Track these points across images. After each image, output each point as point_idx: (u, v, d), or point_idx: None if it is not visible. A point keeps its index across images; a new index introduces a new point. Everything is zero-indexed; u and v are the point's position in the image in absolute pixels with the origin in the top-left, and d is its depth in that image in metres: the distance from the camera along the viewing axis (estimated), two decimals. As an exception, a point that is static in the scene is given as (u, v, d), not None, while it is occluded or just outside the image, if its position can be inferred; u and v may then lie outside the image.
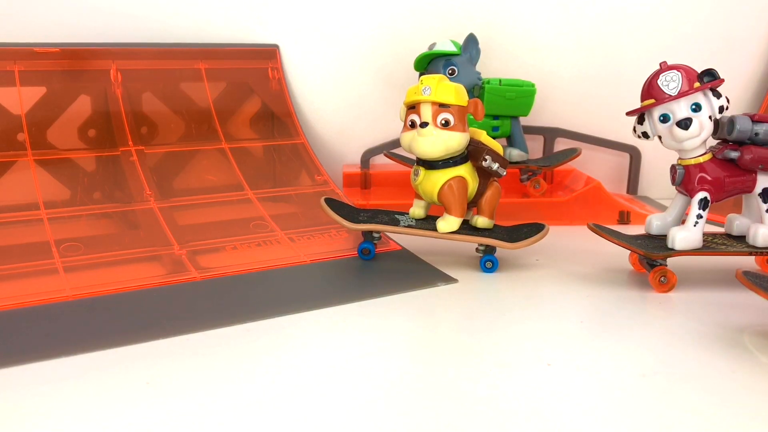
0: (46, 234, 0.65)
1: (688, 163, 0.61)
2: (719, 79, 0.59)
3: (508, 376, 0.45)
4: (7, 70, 0.75)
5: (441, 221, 0.64)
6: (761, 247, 0.61)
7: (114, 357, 0.47)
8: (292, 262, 0.65)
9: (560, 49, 0.95)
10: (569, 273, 0.66)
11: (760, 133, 0.59)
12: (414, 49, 0.85)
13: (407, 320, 0.55)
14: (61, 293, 0.56)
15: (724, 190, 0.61)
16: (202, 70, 0.85)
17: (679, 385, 0.44)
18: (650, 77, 0.61)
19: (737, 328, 0.53)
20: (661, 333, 0.53)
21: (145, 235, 0.69)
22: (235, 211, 0.76)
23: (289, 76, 0.92)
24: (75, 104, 0.78)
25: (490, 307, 0.57)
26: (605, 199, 0.85)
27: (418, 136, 0.62)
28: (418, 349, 0.50)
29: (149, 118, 0.82)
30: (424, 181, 0.64)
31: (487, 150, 0.63)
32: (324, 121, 0.94)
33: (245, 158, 0.83)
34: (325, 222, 0.73)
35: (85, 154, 0.77)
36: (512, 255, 0.69)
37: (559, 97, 0.95)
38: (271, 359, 0.47)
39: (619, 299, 0.59)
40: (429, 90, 0.61)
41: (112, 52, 0.81)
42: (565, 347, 0.50)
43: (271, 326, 0.52)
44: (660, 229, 0.64)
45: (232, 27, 0.90)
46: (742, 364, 0.47)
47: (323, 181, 0.84)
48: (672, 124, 0.59)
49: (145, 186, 0.75)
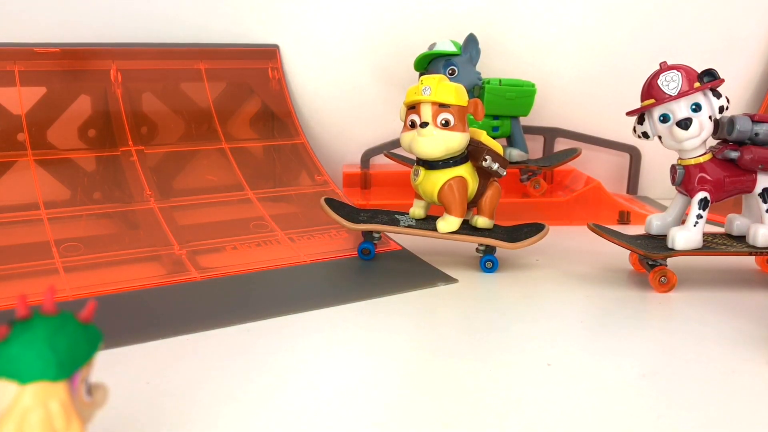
0: (46, 234, 0.65)
1: (688, 163, 0.61)
2: (719, 79, 0.59)
3: (508, 376, 0.45)
4: (7, 70, 0.75)
5: (441, 221, 0.64)
6: (761, 247, 0.61)
7: (114, 357, 0.47)
8: (292, 262, 0.65)
9: (560, 49, 0.95)
10: (569, 273, 0.66)
11: (760, 134, 0.59)
12: (414, 49, 0.85)
13: (407, 320, 0.55)
14: (61, 293, 0.56)
15: (724, 190, 0.61)
16: (202, 70, 0.85)
17: (679, 385, 0.44)
18: (650, 77, 0.61)
19: (737, 328, 0.53)
20: (661, 333, 0.53)
21: (145, 235, 0.69)
22: (235, 211, 0.76)
23: (289, 76, 0.92)
24: (75, 104, 0.78)
25: (490, 307, 0.57)
26: (605, 199, 0.85)
27: (418, 136, 0.62)
28: (418, 349, 0.50)
29: (149, 118, 0.82)
30: (424, 181, 0.64)
31: (487, 150, 0.63)
32: (324, 121, 0.94)
33: (245, 158, 0.83)
34: (325, 222, 0.73)
35: (85, 154, 0.77)
36: (512, 255, 0.69)
37: (559, 97, 0.95)
38: (271, 359, 0.47)
39: (619, 299, 0.59)
40: (429, 90, 0.61)
41: (112, 52, 0.81)
42: (565, 347, 0.50)
43: (271, 326, 0.52)
44: (660, 229, 0.64)
45: (232, 27, 0.90)
46: (742, 364, 0.47)
47: (323, 181, 0.84)
48: (672, 124, 0.59)
49: (145, 186, 0.75)
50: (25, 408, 0.25)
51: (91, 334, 0.28)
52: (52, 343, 0.26)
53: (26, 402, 0.25)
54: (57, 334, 0.26)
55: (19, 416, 0.25)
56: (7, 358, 0.26)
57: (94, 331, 0.28)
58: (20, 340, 0.26)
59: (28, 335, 0.26)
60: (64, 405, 0.26)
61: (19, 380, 0.26)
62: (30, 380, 0.26)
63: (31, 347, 0.26)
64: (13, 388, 0.26)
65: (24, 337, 0.26)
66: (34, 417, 0.25)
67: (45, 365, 0.26)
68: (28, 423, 0.25)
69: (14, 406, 0.25)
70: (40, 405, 0.25)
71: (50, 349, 0.26)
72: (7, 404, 0.26)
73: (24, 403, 0.25)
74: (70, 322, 0.27)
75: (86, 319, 0.28)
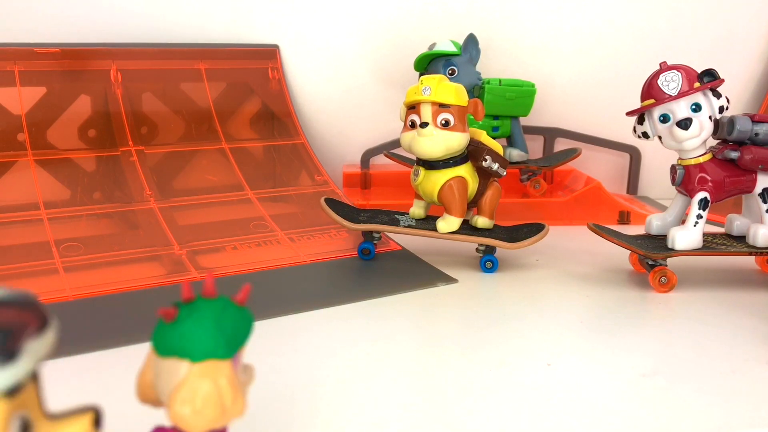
0: (46, 234, 0.65)
1: (688, 163, 0.61)
2: (719, 79, 0.59)
3: (508, 376, 0.45)
4: (7, 70, 0.75)
5: (441, 221, 0.64)
6: (761, 247, 0.61)
7: (114, 357, 0.47)
8: (292, 262, 0.65)
9: (560, 50, 0.95)
10: (569, 273, 0.66)
11: (760, 134, 0.59)
12: (414, 49, 0.85)
13: (407, 320, 0.55)
14: (61, 293, 0.56)
15: (724, 191, 0.61)
16: (202, 70, 0.85)
17: (679, 385, 0.44)
18: (650, 77, 0.61)
19: (737, 328, 0.53)
20: (661, 333, 0.53)
21: (145, 235, 0.69)
22: (235, 211, 0.76)
23: (289, 76, 0.92)
24: (75, 104, 0.78)
25: (490, 307, 0.57)
26: (605, 200, 0.85)
27: (418, 136, 0.62)
28: (418, 349, 0.50)
29: (149, 118, 0.82)
30: (424, 181, 0.64)
31: (487, 150, 0.63)
32: (324, 121, 0.94)
33: (245, 158, 0.83)
34: (325, 222, 0.73)
35: (85, 154, 0.77)
36: (512, 255, 0.69)
37: (559, 97, 0.95)
38: (271, 359, 0.47)
39: (619, 299, 0.59)
40: (429, 90, 0.61)
41: (112, 52, 0.81)
42: (565, 347, 0.50)
43: (271, 326, 0.52)
44: (660, 229, 0.64)
45: (232, 27, 0.90)
46: (742, 364, 0.47)
47: (323, 181, 0.84)
48: (672, 124, 0.59)
49: (145, 186, 0.75)
50: (197, 384, 0.27)
51: (247, 316, 0.29)
52: (219, 323, 0.28)
53: (198, 378, 0.27)
54: (222, 316, 0.28)
55: (191, 391, 0.27)
56: (179, 338, 0.27)
57: (249, 314, 0.29)
58: (191, 321, 0.27)
59: (197, 316, 0.28)
60: (231, 381, 0.27)
61: (191, 358, 0.27)
62: (201, 358, 0.27)
63: (201, 328, 0.27)
64: (185, 365, 0.27)
65: (194, 319, 0.27)
66: (205, 392, 0.27)
67: (215, 345, 0.27)
68: (200, 397, 0.27)
69: (186, 381, 0.27)
70: (211, 381, 0.27)
71: (218, 329, 0.27)
72: (179, 380, 0.27)
73: (196, 380, 0.27)
74: (230, 304, 0.29)
75: (242, 301, 0.29)
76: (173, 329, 0.27)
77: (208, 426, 0.27)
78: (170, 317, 0.28)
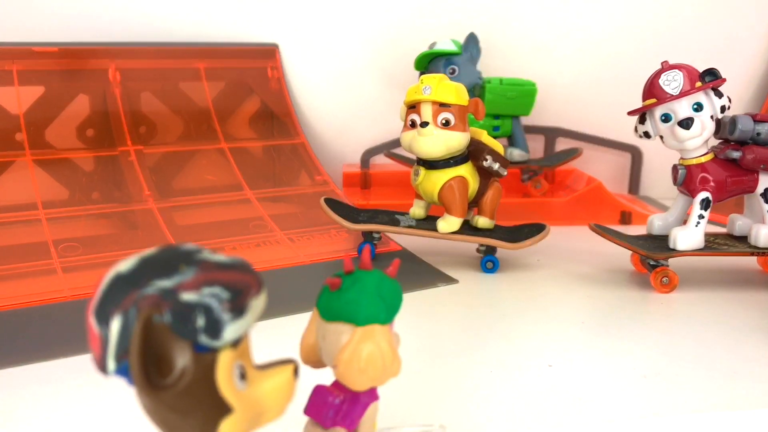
0: (45, 234, 0.65)
1: (689, 163, 0.61)
2: (721, 78, 0.59)
3: (508, 377, 0.45)
4: (5, 69, 0.75)
5: (441, 221, 0.64)
6: (763, 248, 0.60)
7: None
8: (292, 262, 0.65)
9: (561, 49, 0.95)
10: (570, 273, 0.66)
11: (762, 133, 0.59)
12: (414, 48, 0.85)
13: (407, 320, 0.54)
14: (59, 293, 0.56)
15: (725, 190, 0.60)
16: (201, 69, 0.85)
17: (680, 385, 0.44)
18: (652, 77, 0.60)
19: (739, 328, 0.53)
20: (663, 333, 0.53)
21: (143, 235, 0.68)
22: (234, 211, 0.75)
23: (289, 76, 0.91)
24: (73, 104, 0.78)
25: (490, 308, 0.57)
26: (606, 199, 0.85)
27: (419, 135, 0.61)
28: (418, 350, 0.50)
29: (148, 117, 0.81)
30: (424, 181, 0.64)
31: (487, 150, 0.63)
32: (324, 121, 0.94)
33: (245, 158, 0.83)
34: (325, 222, 0.73)
35: (84, 154, 0.77)
36: (513, 255, 0.69)
37: (560, 96, 0.95)
38: (272, 359, 0.47)
39: (621, 300, 0.59)
40: (429, 89, 0.61)
41: (111, 51, 0.81)
42: (566, 348, 0.50)
43: (271, 326, 0.52)
44: (661, 229, 0.64)
45: (232, 26, 0.89)
46: (742, 364, 0.47)
47: (323, 181, 0.84)
48: (673, 123, 0.59)
49: (143, 186, 0.74)
50: (361, 345, 0.29)
51: (398, 287, 0.32)
52: (380, 292, 0.30)
53: (362, 340, 0.29)
54: (381, 285, 0.31)
55: (357, 352, 0.29)
56: (345, 304, 0.30)
57: (399, 286, 0.32)
58: (355, 290, 0.30)
59: (360, 286, 0.30)
60: (390, 344, 0.30)
61: (356, 323, 0.30)
62: (365, 323, 0.30)
63: (365, 295, 0.30)
64: (350, 328, 0.30)
65: (357, 288, 0.30)
66: (369, 353, 0.29)
67: (377, 310, 0.30)
68: (365, 358, 0.29)
69: (351, 343, 0.29)
70: (374, 344, 0.29)
71: (379, 297, 0.30)
72: (345, 342, 0.30)
73: (360, 342, 0.29)
74: (385, 276, 0.31)
75: (393, 274, 0.32)
76: (339, 297, 0.30)
77: (370, 384, 0.30)
78: (335, 286, 0.30)
